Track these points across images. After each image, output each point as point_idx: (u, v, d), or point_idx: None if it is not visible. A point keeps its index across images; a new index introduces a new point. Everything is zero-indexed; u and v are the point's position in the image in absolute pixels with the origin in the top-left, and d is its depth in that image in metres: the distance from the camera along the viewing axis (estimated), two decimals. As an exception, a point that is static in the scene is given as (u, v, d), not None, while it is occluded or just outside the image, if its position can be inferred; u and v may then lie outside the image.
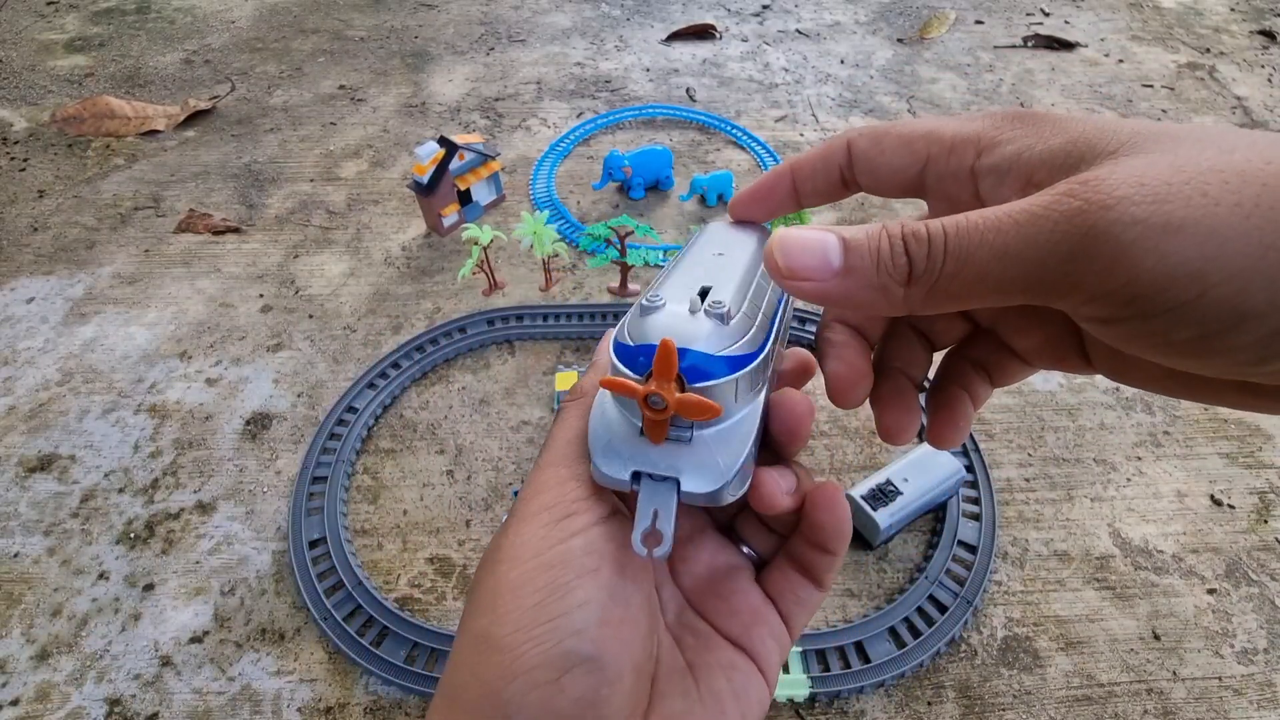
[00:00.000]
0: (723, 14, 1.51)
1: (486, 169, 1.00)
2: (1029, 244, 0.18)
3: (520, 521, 0.23)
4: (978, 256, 0.19)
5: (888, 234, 0.21)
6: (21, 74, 1.36)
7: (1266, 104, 1.26)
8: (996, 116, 0.23)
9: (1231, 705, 0.59)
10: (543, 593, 0.22)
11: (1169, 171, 0.17)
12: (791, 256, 0.21)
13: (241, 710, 0.60)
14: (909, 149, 0.25)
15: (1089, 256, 0.17)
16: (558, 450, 0.25)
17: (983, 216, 0.19)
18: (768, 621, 0.27)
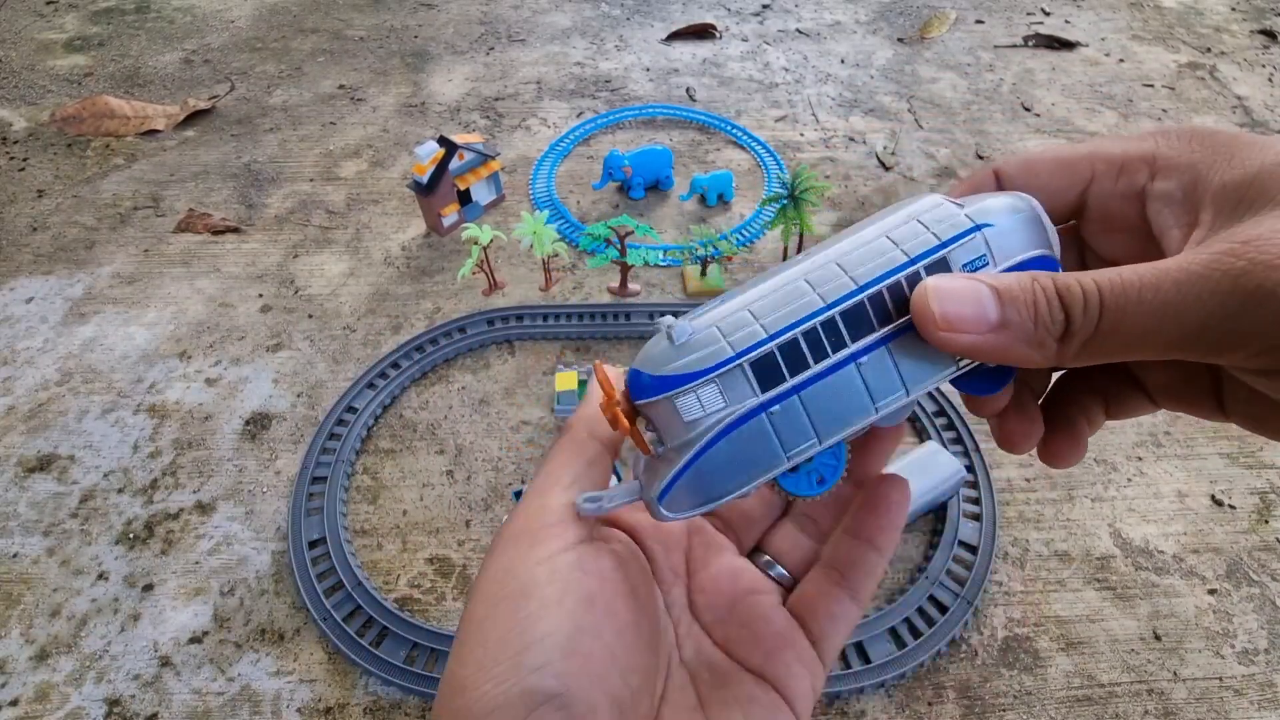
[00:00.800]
0: (723, 13, 1.51)
1: (486, 169, 1.00)
2: (1190, 304, 0.18)
3: (491, 554, 0.23)
4: (1136, 315, 0.19)
5: (1041, 289, 0.20)
6: (21, 73, 1.36)
7: (1267, 104, 1.25)
8: (1172, 135, 0.23)
9: (1232, 705, 0.59)
10: (504, 627, 0.21)
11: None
12: (946, 304, 0.20)
13: (241, 711, 0.60)
14: (1069, 170, 0.24)
15: (1256, 314, 0.17)
16: (542, 478, 0.25)
17: (1138, 274, 0.19)
18: (794, 645, 0.25)
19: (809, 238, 0.93)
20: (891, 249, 0.23)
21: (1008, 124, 1.20)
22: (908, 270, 0.22)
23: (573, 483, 0.25)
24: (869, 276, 0.22)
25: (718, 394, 0.22)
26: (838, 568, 0.26)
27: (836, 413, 0.22)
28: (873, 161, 1.13)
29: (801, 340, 0.22)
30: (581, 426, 0.26)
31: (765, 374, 0.22)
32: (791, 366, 0.22)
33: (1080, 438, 0.25)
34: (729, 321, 0.22)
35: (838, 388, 0.22)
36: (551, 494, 0.24)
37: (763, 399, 0.22)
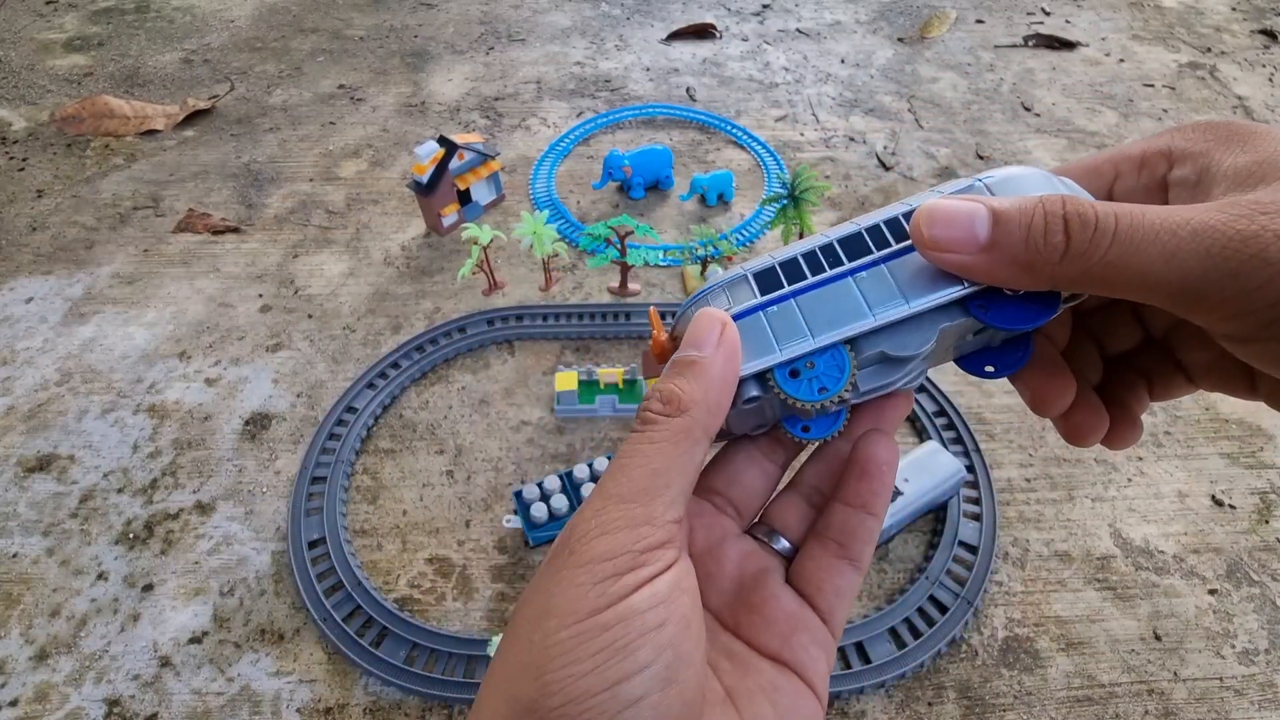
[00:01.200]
0: (723, 13, 1.51)
1: (486, 169, 1.00)
2: (1199, 254, 0.19)
3: (575, 568, 0.20)
4: (1146, 253, 0.19)
5: (1045, 209, 0.21)
6: (20, 73, 1.36)
7: (1267, 103, 1.25)
8: (1187, 129, 0.23)
9: (1233, 706, 0.59)
10: (600, 657, 0.19)
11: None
12: (936, 227, 0.21)
13: (241, 711, 0.60)
14: (1094, 174, 0.25)
15: (1252, 276, 0.18)
16: (636, 482, 0.21)
17: (1159, 215, 0.19)
18: (807, 626, 0.25)
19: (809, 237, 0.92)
20: (897, 205, 0.25)
21: (1008, 124, 1.20)
22: (905, 211, 0.25)
23: (680, 493, 0.22)
24: (869, 222, 0.25)
25: (725, 299, 0.26)
26: (835, 538, 0.26)
27: (831, 316, 0.24)
28: (873, 161, 1.13)
29: (801, 259, 0.25)
30: (699, 413, 0.22)
31: (766, 283, 0.25)
32: (790, 278, 0.25)
33: (1136, 418, 0.26)
34: (751, 261, 0.26)
35: (834, 295, 0.25)
36: (657, 505, 0.21)
37: (760, 300, 0.25)
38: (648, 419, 0.23)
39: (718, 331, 0.24)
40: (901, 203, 0.25)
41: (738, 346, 0.24)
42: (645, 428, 0.22)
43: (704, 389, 0.23)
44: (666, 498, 0.21)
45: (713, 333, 0.24)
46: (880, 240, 0.24)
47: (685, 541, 0.23)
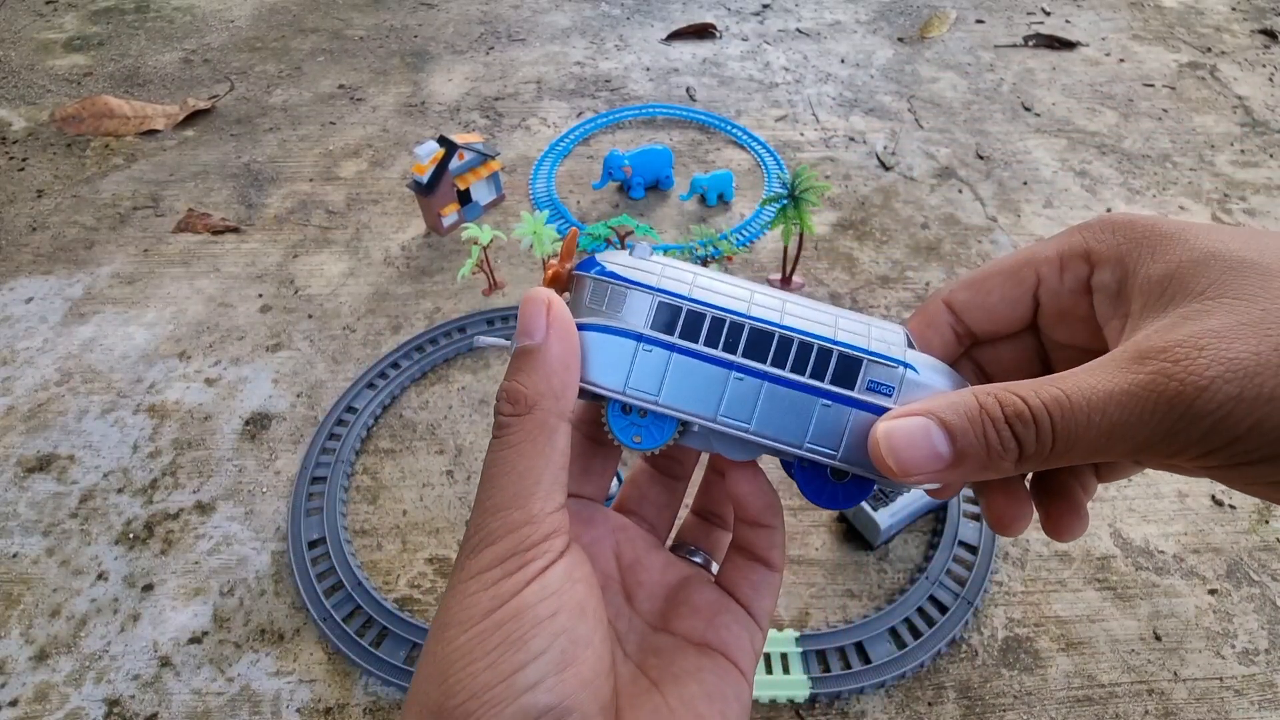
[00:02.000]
0: (723, 13, 1.51)
1: (486, 169, 1.00)
2: (1133, 424, 0.20)
3: (468, 578, 0.22)
4: (1086, 436, 0.20)
5: (989, 417, 0.21)
6: (20, 73, 1.36)
7: (1267, 104, 1.25)
8: (1098, 227, 0.25)
9: (1233, 706, 0.59)
10: (495, 653, 0.21)
11: (1255, 339, 0.19)
12: (900, 454, 0.22)
13: (241, 711, 0.60)
14: (1015, 280, 0.26)
15: (1190, 430, 0.19)
16: (506, 490, 0.23)
17: (1084, 394, 0.20)
18: (729, 609, 0.27)
19: (809, 237, 0.92)
20: (830, 325, 0.25)
21: (1008, 124, 1.20)
22: (825, 344, 0.25)
23: (553, 485, 0.23)
24: (795, 325, 0.25)
25: (623, 303, 0.25)
26: (746, 547, 0.28)
27: (688, 392, 0.24)
28: (873, 161, 1.13)
29: (708, 320, 0.24)
30: (548, 404, 0.23)
31: (663, 318, 0.25)
32: (685, 332, 0.24)
33: (1080, 507, 0.25)
34: (673, 271, 0.25)
35: (703, 374, 0.24)
36: (532, 504, 0.22)
37: (644, 333, 0.25)
38: (501, 423, 0.23)
39: (543, 312, 0.24)
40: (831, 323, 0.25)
41: (569, 323, 0.24)
42: (502, 433, 0.23)
43: (545, 378, 0.23)
44: (540, 494, 0.23)
45: (539, 316, 0.24)
46: (781, 357, 0.24)
47: (569, 528, 0.24)
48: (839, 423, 0.24)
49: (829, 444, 0.25)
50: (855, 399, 0.24)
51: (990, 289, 0.26)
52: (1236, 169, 1.12)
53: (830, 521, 0.71)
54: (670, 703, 0.24)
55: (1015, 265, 0.26)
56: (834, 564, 0.68)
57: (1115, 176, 1.10)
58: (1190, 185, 1.09)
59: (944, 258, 0.97)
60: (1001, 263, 0.26)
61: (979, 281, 0.26)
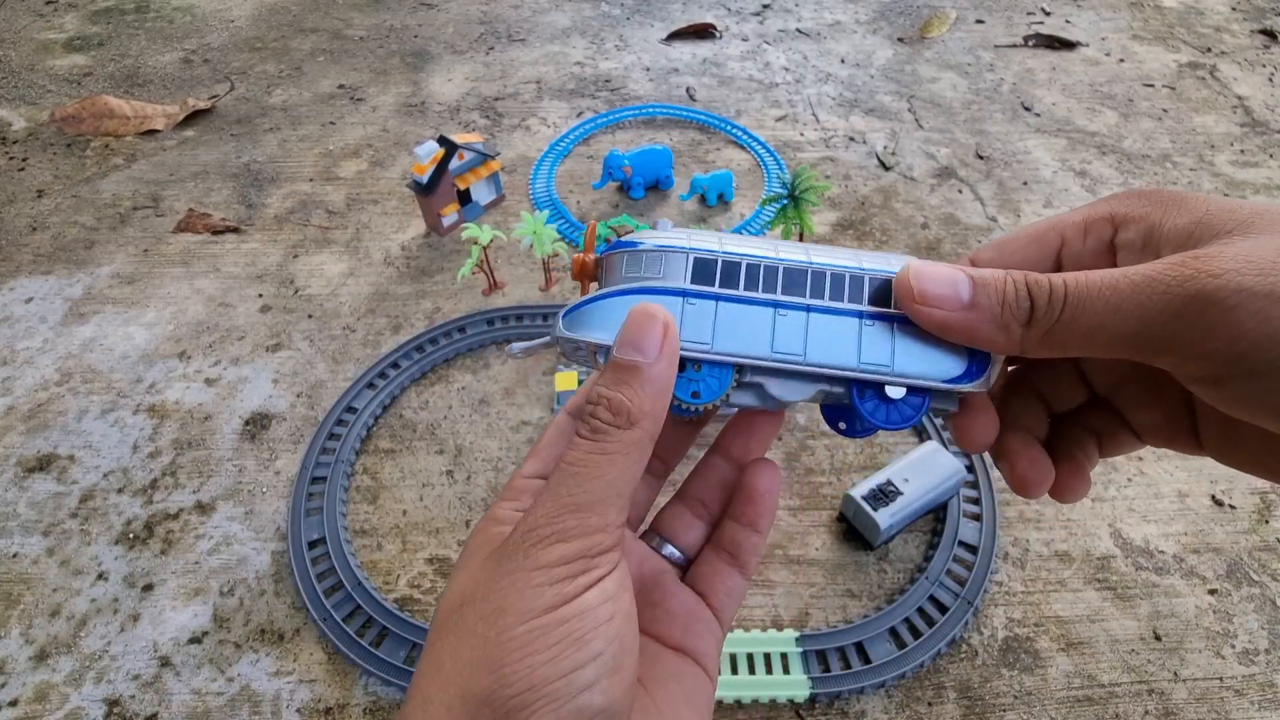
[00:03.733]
0: (723, 13, 1.51)
1: (486, 168, 1.00)
2: (1141, 303, 0.20)
3: (531, 570, 0.22)
4: (1094, 309, 0.21)
5: (1012, 279, 0.23)
6: (20, 73, 1.36)
7: (1267, 104, 1.25)
8: (1125, 196, 0.25)
9: (1233, 706, 0.59)
10: (557, 648, 0.21)
11: (1276, 251, 0.19)
12: (925, 282, 0.23)
13: (240, 711, 0.60)
14: (1039, 243, 0.26)
15: (1195, 317, 0.19)
16: (591, 493, 0.23)
17: (1102, 275, 0.21)
18: (703, 618, 0.28)
19: (809, 237, 0.92)
20: (854, 259, 0.26)
21: (1008, 124, 1.20)
22: (856, 271, 0.26)
23: (629, 501, 0.23)
24: (822, 260, 0.26)
25: (660, 268, 0.26)
26: (728, 549, 0.29)
27: (739, 335, 0.25)
28: (873, 161, 1.13)
29: (743, 267, 0.25)
30: (648, 425, 0.23)
31: (701, 273, 0.25)
32: (724, 281, 0.25)
33: (1084, 472, 0.27)
34: (700, 236, 0.26)
35: (750, 317, 0.25)
36: (610, 514, 0.23)
37: (687, 288, 0.25)
38: (599, 429, 0.23)
39: (660, 335, 0.24)
40: (855, 259, 0.26)
41: (678, 351, 0.24)
42: (598, 438, 0.23)
43: (651, 399, 0.24)
44: (618, 505, 0.23)
45: (656, 336, 0.24)
46: (819, 288, 0.25)
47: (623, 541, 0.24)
48: (887, 336, 0.25)
49: (881, 359, 0.25)
50: (895, 314, 0.25)
51: (1014, 250, 0.26)
52: (1236, 169, 1.12)
53: (830, 521, 0.71)
54: (657, 703, 0.25)
55: (1041, 230, 0.26)
56: (834, 564, 0.68)
57: (1115, 176, 1.10)
58: (1190, 185, 1.09)
59: (944, 258, 0.97)
60: (1029, 228, 0.27)
61: (1005, 243, 0.27)
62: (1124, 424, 0.27)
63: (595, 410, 0.24)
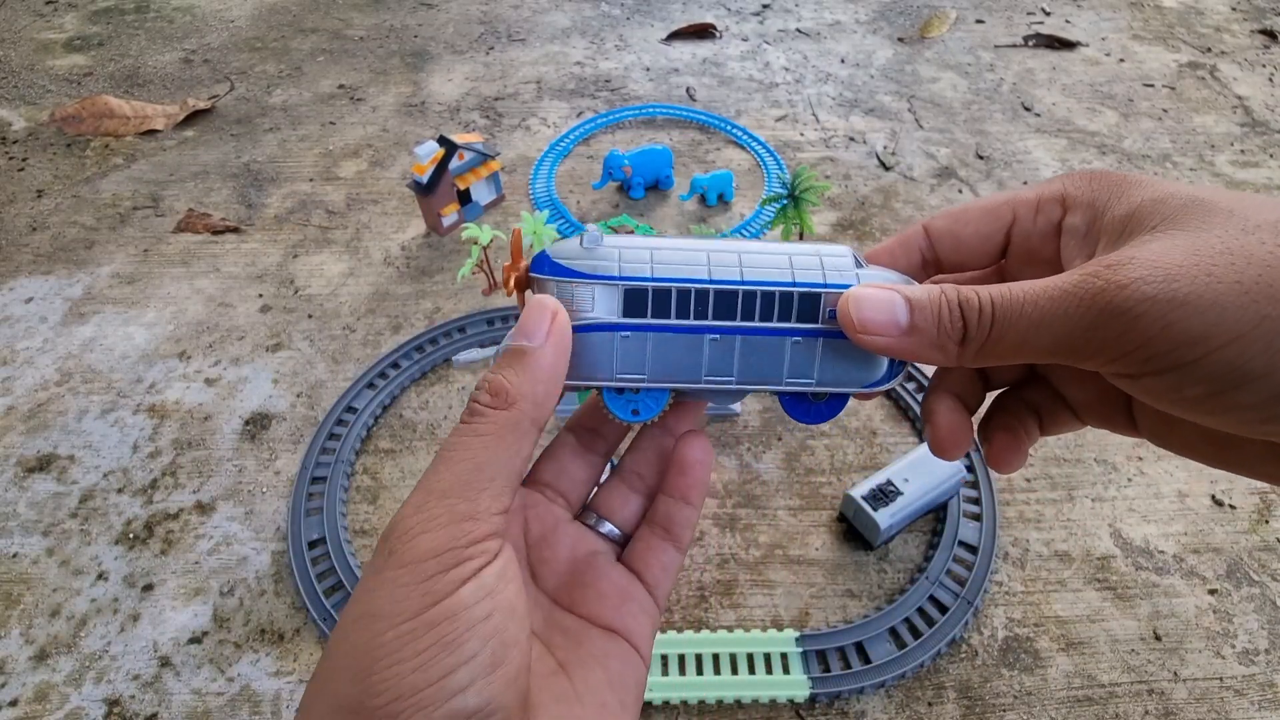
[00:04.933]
0: (723, 13, 1.51)
1: (486, 168, 1.00)
2: (1060, 317, 0.21)
3: (398, 568, 0.21)
4: (1020, 325, 0.22)
5: (946, 300, 0.23)
6: (20, 73, 1.36)
7: (1267, 104, 1.25)
8: (1078, 177, 0.26)
9: (1233, 706, 0.59)
10: (427, 654, 0.20)
11: (1184, 254, 0.20)
12: (864, 310, 0.24)
13: (240, 711, 0.60)
14: (993, 216, 0.27)
15: (1107, 327, 0.21)
16: (459, 476, 0.22)
17: (1024, 290, 0.22)
18: (635, 597, 0.28)
19: (809, 237, 0.92)
20: (786, 268, 0.26)
21: (1008, 124, 1.20)
22: (785, 289, 0.26)
23: (506, 486, 0.23)
24: (755, 278, 0.26)
25: (590, 298, 0.26)
26: (661, 524, 0.29)
27: (672, 365, 0.26)
28: (873, 161, 1.13)
29: (674, 293, 0.26)
30: (526, 407, 0.23)
31: (633, 304, 0.26)
32: (656, 310, 0.26)
33: (1021, 445, 0.28)
34: (630, 252, 0.26)
35: (684, 346, 0.26)
36: (481, 499, 0.22)
37: (620, 321, 0.26)
38: (475, 410, 0.23)
39: (548, 321, 0.24)
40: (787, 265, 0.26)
41: (567, 337, 0.25)
42: (472, 419, 0.23)
43: (532, 382, 0.23)
44: (491, 491, 0.22)
45: (543, 322, 0.24)
46: (749, 310, 0.26)
47: (508, 531, 0.24)
48: (811, 353, 0.26)
49: (805, 374, 0.27)
50: (820, 329, 0.26)
51: (967, 220, 0.27)
52: (1236, 169, 1.12)
53: (830, 522, 0.71)
54: (576, 688, 0.24)
55: (995, 203, 0.27)
56: (834, 564, 0.68)
57: (1115, 176, 1.10)
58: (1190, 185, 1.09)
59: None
60: (983, 200, 0.28)
61: (959, 214, 0.28)
62: (1063, 403, 0.28)
63: (477, 394, 0.23)
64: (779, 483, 0.74)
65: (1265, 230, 0.20)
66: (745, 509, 0.72)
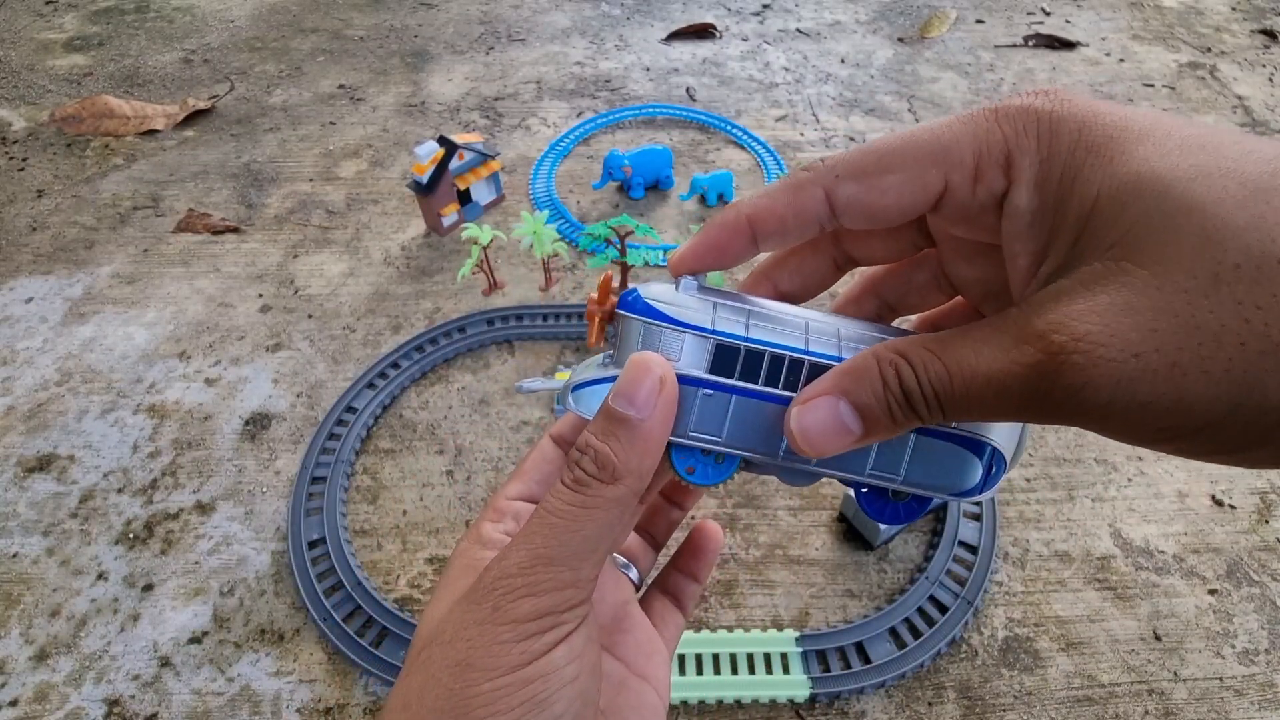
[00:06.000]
0: (723, 13, 1.51)
1: (486, 168, 1.00)
2: (1009, 406, 0.19)
3: (500, 625, 0.21)
4: (968, 409, 0.20)
5: (892, 396, 0.21)
6: (20, 73, 1.36)
7: (1267, 104, 1.25)
8: (1015, 120, 0.21)
9: (1233, 706, 0.59)
10: (520, 710, 0.21)
11: (1143, 332, 0.17)
12: (813, 440, 0.22)
13: (240, 711, 0.60)
14: (918, 183, 0.22)
15: (1062, 418, 0.19)
16: (567, 547, 0.22)
17: (965, 379, 0.20)
18: (660, 650, 0.30)
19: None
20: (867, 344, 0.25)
21: (1008, 124, 1.20)
22: None
23: (606, 556, 0.23)
24: (850, 352, 0.24)
25: (678, 348, 0.24)
26: (673, 594, 0.32)
27: (751, 433, 0.24)
28: (873, 161, 1.13)
29: (767, 359, 0.24)
30: (632, 483, 0.23)
31: (722, 361, 0.24)
32: (744, 372, 0.24)
33: None
34: (726, 306, 0.25)
35: (766, 415, 0.24)
36: (584, 569, 0.22)
37: (705, 377, 0.24)
38: (582, 480, 0.23)
39: (656, 389, 0.23)
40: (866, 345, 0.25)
41: (674, 407, 0.24)
42: (580, 490, 0.22)
43: (639, 457, 0.23)
44: (593, 560, 0.22)
45: (651, 390, 0.23)
46: None
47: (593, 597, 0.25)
48: (901, 447, 0.24)
49: (891, 469, 0.24)
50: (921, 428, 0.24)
51: (884, 190, 0.22)
52: (1236, 169, 1.12)
53: (830, 521, 0.71)
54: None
55: (922, 160, 0.21)
56: (834, 564, 0.68)
57: (1115, 176, 1.10)
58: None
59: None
60: (898, 147, 0.22)
61: (873, 175, 0.22)
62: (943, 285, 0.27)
63: (580, 460, 0.23)
64: (779, 483, 0.74)
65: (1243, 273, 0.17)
66: (745, 509, 0.72)
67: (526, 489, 0.28)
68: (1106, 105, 0.20)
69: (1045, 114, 0.20)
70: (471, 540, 0.26)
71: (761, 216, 0.24)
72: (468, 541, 0.26)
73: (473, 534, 0.26)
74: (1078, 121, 0.20)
